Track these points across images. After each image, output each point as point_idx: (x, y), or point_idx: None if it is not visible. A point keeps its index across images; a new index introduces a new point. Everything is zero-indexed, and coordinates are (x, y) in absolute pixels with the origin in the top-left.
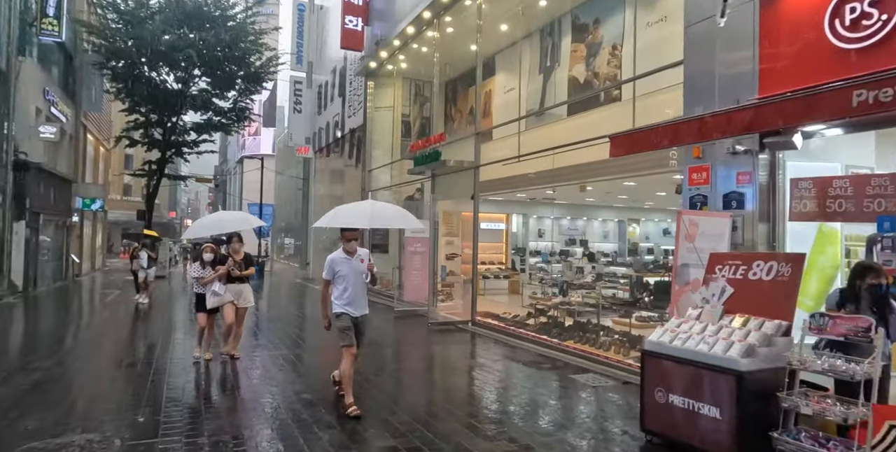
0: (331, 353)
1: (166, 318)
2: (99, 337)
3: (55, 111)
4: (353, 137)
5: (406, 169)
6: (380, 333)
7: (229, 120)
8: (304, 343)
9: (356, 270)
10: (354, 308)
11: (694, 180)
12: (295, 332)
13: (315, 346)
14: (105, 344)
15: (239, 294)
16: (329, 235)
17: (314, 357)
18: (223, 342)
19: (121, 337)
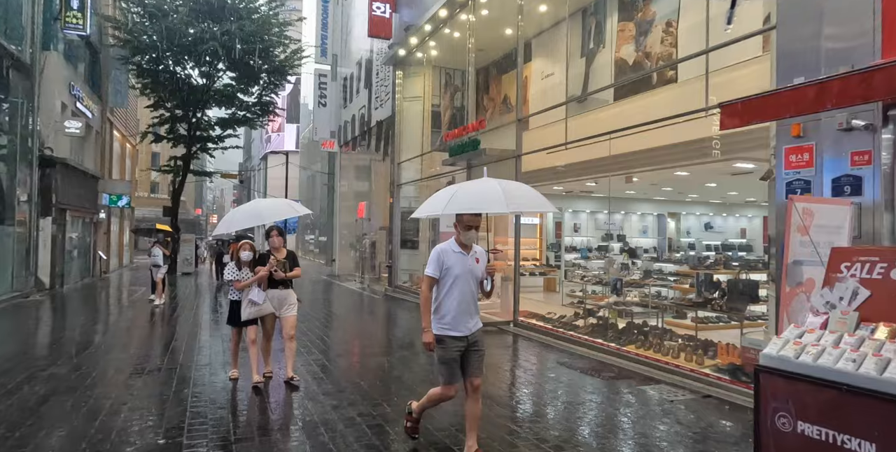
0: (379, 361)
1: (190, 319)
2: (122, 339)
3: (81, 106)
4: (380, 130)
5: (436, 161)
6: (417, 335)
7: (254, 114)
8: (344, 346)
9: (471, 272)
10: (462, 327)
11: (792, 163)
12: (331, 334)
13: (362, 352)
14: (127, 348)
15: (282, 301)
16: (352, 231)
17: (364, 364)
18: (264, 361)
19: (145, 340)
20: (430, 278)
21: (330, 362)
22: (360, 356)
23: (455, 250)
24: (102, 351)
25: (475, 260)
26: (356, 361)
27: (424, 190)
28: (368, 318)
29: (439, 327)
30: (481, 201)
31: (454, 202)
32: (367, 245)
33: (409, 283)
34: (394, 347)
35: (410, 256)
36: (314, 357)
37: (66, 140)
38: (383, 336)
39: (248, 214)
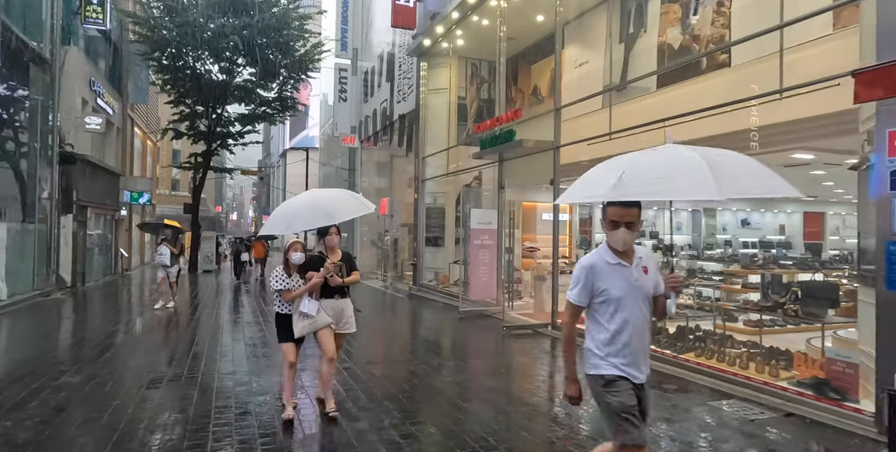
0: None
1: (211, 321)
2: (142, 342)
3: (101, 103)
4: (402, 124)
5: (462, 155)
6: (448, 339)
7: (274, 110)
8: (373, 351)
9: (639, 289)
10: (638, 367)
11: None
12: (357, 336)
13: (393, 357)
14: (147, 352)
15: (339, 314)
16: (373, 228)
17: (397, 373)
18: (323, 389)
19: (164, 343)
20: (572, 306)
21: (360, 370)
22: (392, 363)
23: (610, 261)
24: (120, 356)
25: (642, 270)
26: (388, 368)
27: (450, 185)
28: (394, 319)
29: (609, 362)
30: (670, 181)
31: (625, 184)
32: (388, 242)
33: (435, 282)
34: (425, 352)
35: (435, 253)
36: (343, 363)
37: (87, 136)
38: (412, 339)
39: (313, 211)
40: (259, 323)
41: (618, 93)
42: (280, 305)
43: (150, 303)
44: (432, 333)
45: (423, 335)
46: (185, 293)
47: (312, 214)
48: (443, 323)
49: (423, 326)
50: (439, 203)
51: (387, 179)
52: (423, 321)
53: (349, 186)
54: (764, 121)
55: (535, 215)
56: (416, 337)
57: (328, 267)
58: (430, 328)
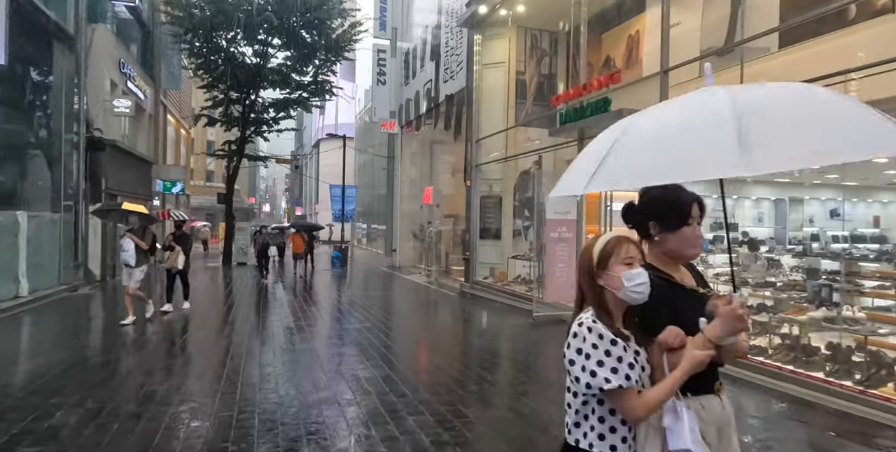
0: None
1: (241, 333)
2: (171, 347)
3: (132, 86)
4: (449, 105)
5: (521, 138)
6: (524, 353)
7: (310, 93)
8: (438, 372)
9: None
10: None
11: None
12: (410, 349)
13: (461, 378)
14: (173, 373)
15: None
16: (415, 219)
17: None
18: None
19: (192, 359)
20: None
21: (421, 409)
22: (472, 398)
23: None
24: (133, 375)
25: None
26: (473, 409)
27: (509, 170)
28: (453, 325)
29: None
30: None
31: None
32: (432, 234)
33: (492, 279)
34: (511, 378)
35: (492, 248)
36: (405, 384)
37: (117, 122)
38: (488, 356)
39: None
40: None
41: (721, 58)
42: None
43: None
44: (508, 347)
45: (497, 350)
46: (202, 293)
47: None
48: (515, 333)
49: (491, 336)
50: (495, 191)
51: (432, 164)
52: (489, 328)
53: (388, 175)
54: None
55: (599, 204)
56: (491, 354)
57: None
58: (501, 339)
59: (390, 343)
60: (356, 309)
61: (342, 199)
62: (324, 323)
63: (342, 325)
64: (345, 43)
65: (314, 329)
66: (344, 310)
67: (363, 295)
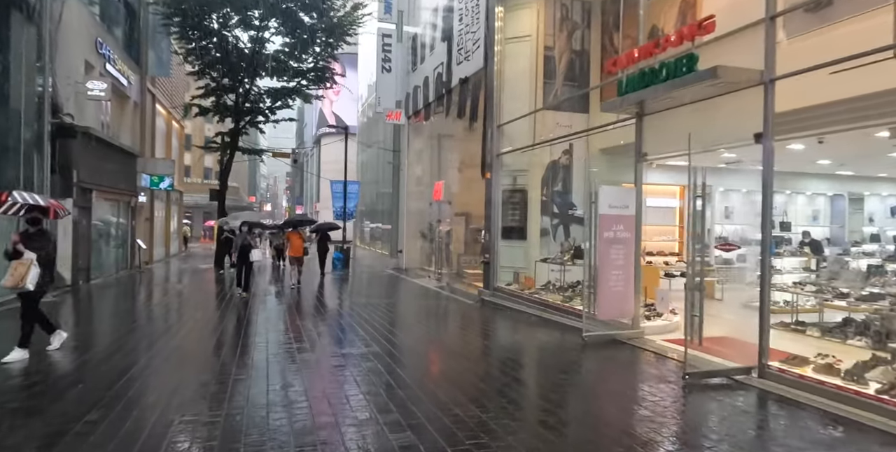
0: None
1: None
2: (143, 371)
3: (112, 69)
4: (463, 90)
5: (549, 122)
6: (595, 395)
7: (309, 81)
8: (471, 420)
9: None
10: None
11: None
12: (432, 383)
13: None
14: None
15: None
16: (424, 217)
17: None
18: None
19: (178, 376)
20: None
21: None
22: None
23: None
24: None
25: None
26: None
27: (536, 160)
28: (478, 347)
29: None
30: None
31: None
32: (441, 233)
33: (516, 285)
34: (576, 427)
35: (515, 249)
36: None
37: (94, 109)
38: (537, 398)
39: None
40: None
41: (807, 14)
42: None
43: (161, 306)
44: (569, 384)
45: (555, 389)
46: (161, 305)
47: None
48: (565, 359)
49: (536, 364)
50: (520, 184)
51: (443, 156)
52: (529, 352)
53: (394, 169)
54: None
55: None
56: (549, 395)
57: None
58: (552, 369)
59: (407, 378)
60: (359, 326)
61: (344, 196)
62: (317, 351)
63: (342, 350)
64: (347, 26)
65: (304, 362)
66: (345, 327)
67: (367, 304)
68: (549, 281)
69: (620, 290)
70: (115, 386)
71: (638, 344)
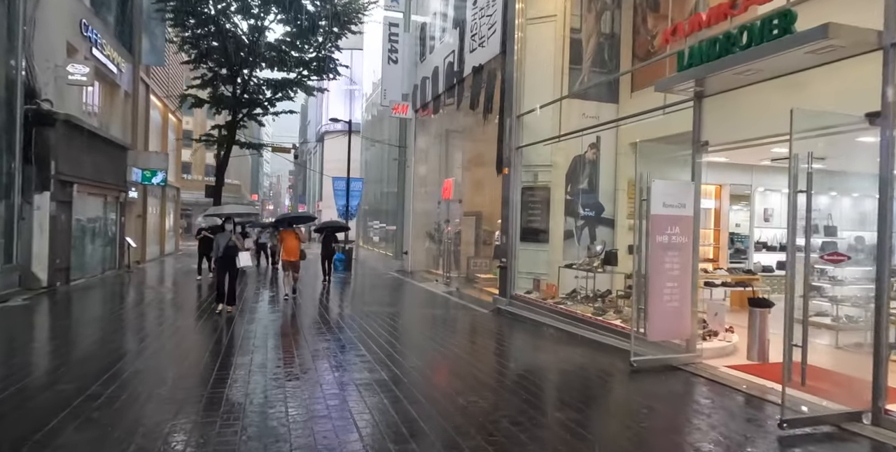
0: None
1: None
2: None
3: (100, 55)
4: (477, 79)
5: (575, 113)
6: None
7: (311, 72)
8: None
9: None
10: None
11: None
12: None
13: None
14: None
15: None
16: (431, 217)
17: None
18: None
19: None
20: None
21: None
22: None
23: None
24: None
25: None
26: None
27: (560, 155)
28: (501, 371)
29: None
30: None
31: None
32: (450, 235)
33: (537, 294)
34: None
35: (535, 253)
36: None
37: (76, 96)
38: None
39: None
40: None
41: None
42: None
43: (146, 312)
44: (638, 438)
45: (609, 435)
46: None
47: None
48: (613, 390)
49: (580, 399)
50: (541, 181)
51: (448, 157)
52: (567, 379)
53: (399, 166)
54: None
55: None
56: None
57: None
58: (599, 405)
59: (423, 421)
60: (362, 342)
61: (346, 193)
62: (310, 381)
63: (342, 377)
64: (351, 14)
65: (293, 397)
66: (346, 344)
67: (371, 314)
68: (574, 289)
69: (675, 306)
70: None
71: (698, 372)
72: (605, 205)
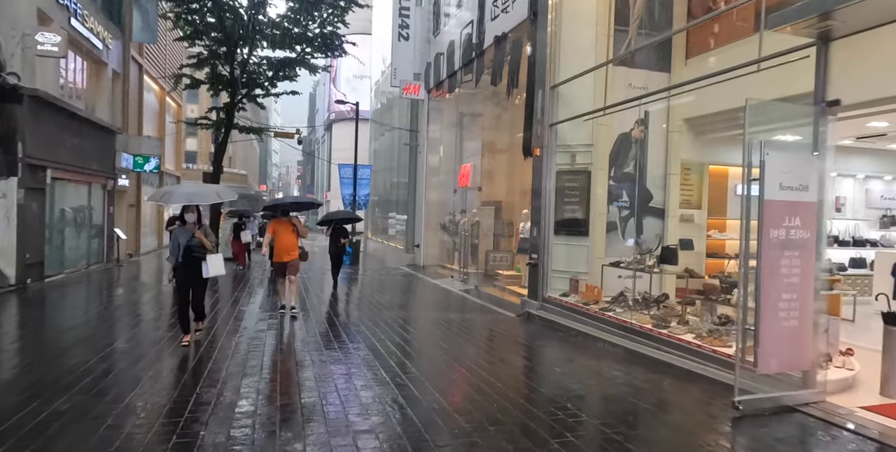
0: None
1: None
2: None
3: (80, 26)
4: (499, 51)
5: (620, 83)
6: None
7: (315, 49)
8: None
9: None
10: None
11: None
12: None
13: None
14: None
15: None
16: (444, 205)
17: None
18: None
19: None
20: None
21: None
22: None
23: None
24: None
25: None
26: None
27: (603, 131)
28: (550, 408)
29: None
30: None
31: None
32: (467, 226)
33: (575, 297)
34: None
35: (573, 248)
36: None
37: (53, 71)
38: None
39: None
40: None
41: None
42: None
43: (126, 317)
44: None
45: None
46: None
47: None
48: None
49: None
50: (580, 163)
51: (462, 142)
52: (654, 432)
53: (410, 152)
54: None
55: (727, 188)
56: None
57: None
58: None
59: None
60: (368, 366)
61: (354, 182)
62: (307, 438)
63: (346, 430)
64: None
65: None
66: (352, 368)
67: (378, 321)
68: (621, 292)
69: (795, 326)
70: None
71: (827, 417)
72: (654, 192)
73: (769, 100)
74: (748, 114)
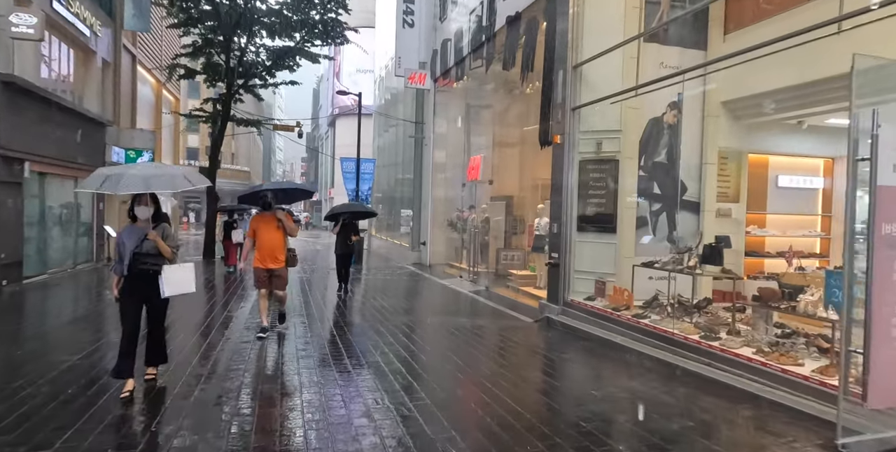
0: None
1: None
2: None
3: (64, 11)
4: (513, 32)
5: (650, 62)
6: None
7: (315, 37)
8: None
9: None
10: None
11: None
12: None
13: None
14: None
15: None
16: (452, 201)
17: None
18: None
19: None
20: None
21: None
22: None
23: None
24: None
25: None
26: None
27: (633, 115)
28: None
29: None
30: None
31: None
32: (476, 223)
33: (601, 301)
34: None
35: (598, 246)
36: None
37: (33, 57)
38: None
39: None
40: None
41: None
42: None
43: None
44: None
45: None
46: None
47: None
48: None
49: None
50: (606, 151)
51: (470, 134)
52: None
53: (416, 144)
54: None
55: (767, 179)
56: None
57: None
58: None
59: None
60: (370, 391)
61: (357, 176)
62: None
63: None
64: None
65: None
66: (352, 385)
67: (381, 329)
68: (655, 296)
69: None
70: None
71: None
72: (688, 183)
73: (889, 60)
74: (854, 77)
